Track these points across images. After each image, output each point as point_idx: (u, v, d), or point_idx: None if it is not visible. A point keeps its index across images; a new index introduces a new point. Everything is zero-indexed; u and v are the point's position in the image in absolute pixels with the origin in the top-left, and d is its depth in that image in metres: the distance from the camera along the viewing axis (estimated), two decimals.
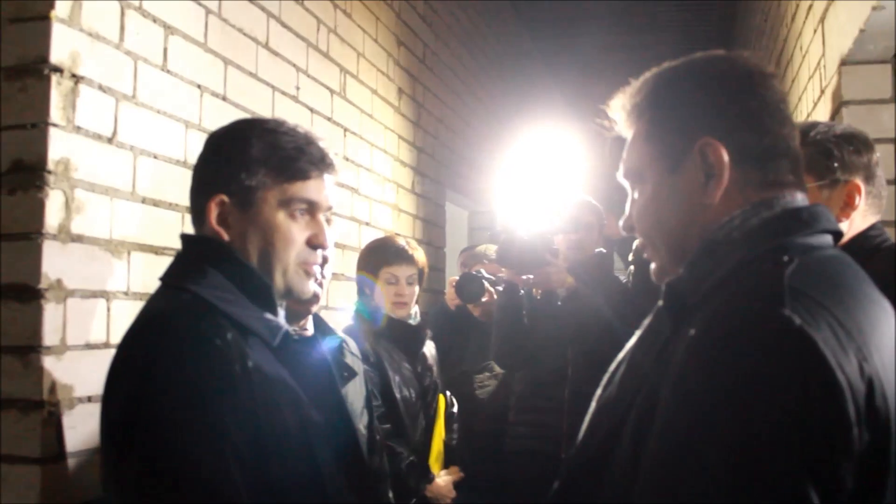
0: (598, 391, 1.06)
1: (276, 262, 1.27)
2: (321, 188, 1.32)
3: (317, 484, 1.20)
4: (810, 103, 2.87)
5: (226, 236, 1.27)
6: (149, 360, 1.11)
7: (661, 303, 0.99)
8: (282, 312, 1.33)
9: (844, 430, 0.74)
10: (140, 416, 1.08)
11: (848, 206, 1.54)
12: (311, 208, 1.31)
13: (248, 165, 1.26)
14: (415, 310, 2.72)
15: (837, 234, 0.97)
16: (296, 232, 1.29)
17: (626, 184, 1.08)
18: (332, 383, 1.34)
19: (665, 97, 1.01)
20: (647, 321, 1.04)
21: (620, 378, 1.02)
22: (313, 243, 1.31)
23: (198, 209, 1.30)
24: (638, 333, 1.05)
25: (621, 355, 1.06)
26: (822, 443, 0.73)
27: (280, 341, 1.25)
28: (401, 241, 2.69)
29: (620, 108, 1.06)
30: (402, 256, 2.63)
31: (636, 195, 1.05)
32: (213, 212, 1.27)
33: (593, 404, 1.05)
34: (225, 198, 1.27)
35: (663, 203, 1.00)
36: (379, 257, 2.63)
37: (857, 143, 1.58)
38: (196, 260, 1.27)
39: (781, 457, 0.73)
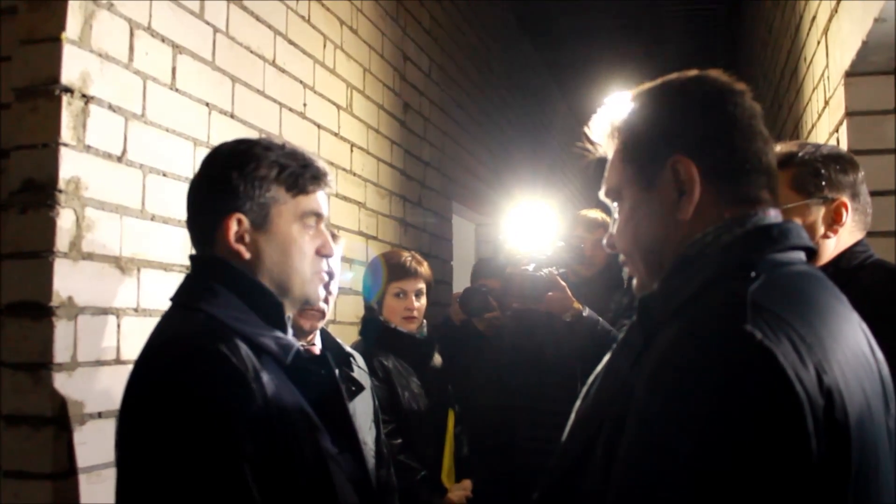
0: (577, 403, 1.08)
1: (294, 273, 1.32)
2: (323, 200, 1.39)
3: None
4: (815, 114, 2.88)
5: (246, 254, 1.29)
6: (168, 381, 1.13)
7: (634, 317, 1.01)
8: (290, 330, 1.35)
9: (802, 441, 0.76)
10: (158, 436, 1.10)
11: (835, 223, 1.61)
12: (318, 220, 1.37)
13: (261, 183, 1.30)
14: (423, 323, 2.74)
15: (809, 250, 0.99)
16: (307, 243, 1.34)
17: (608, 202, 1.11)
18: (342, 402, 1.37)
19: (639, 117, 1.04)
20: (622, 335, 1.06)
21: (595, 392, 1.04)
22: (321, 253, 1.36)
23: (207, 229, 1.32)
24: (614, 347, 1.07)
25: (598, 368, 1.08)
26: (780, 453, 0.75)
27: (292, 360, 1.27)
28: (406, 256, 2.71)
29: (600, 130, 1.09)
30: (410, 271, 2.66)
31: (616, 214, 1.08)
32: (231, 230, 1.28)
33: (572, 417, 1.08)
34: (241, 216, 1.29)
35: (640, 220, 1.03)
36: (386, 272, 2.65)
37: (844, 163, 1.65)
38: (207, 280, 1.29)
39: (741, 467, 0.75)
